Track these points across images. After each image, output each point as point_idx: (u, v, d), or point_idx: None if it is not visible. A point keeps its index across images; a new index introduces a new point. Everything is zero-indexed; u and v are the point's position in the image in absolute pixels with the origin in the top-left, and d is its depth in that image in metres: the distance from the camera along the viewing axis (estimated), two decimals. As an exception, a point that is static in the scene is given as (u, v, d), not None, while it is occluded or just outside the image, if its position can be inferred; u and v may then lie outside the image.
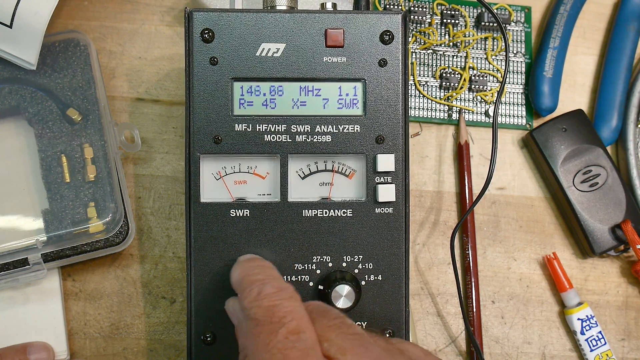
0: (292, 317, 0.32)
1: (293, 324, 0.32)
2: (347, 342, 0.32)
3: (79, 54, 0.48)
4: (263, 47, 0.41)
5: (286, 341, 0.31)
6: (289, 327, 0.32)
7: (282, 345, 0.31)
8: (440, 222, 0.52)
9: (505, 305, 0.51)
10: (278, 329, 0.32)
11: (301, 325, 0.32)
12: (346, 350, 0.32)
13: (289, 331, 0.31)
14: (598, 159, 0.52)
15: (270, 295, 0.34)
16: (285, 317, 0.32)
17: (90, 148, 0.46)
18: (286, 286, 0.34)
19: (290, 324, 0.32)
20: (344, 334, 0.33)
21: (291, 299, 0.34)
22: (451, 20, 0.54)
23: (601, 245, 0.51)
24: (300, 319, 0.32)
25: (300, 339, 0.31)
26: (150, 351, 0.48)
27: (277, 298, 0.33)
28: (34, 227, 0.46)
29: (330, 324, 0.33)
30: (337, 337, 0.32)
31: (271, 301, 0.33)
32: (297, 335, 0.31)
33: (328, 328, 0.33)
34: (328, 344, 0.32)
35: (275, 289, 0.34)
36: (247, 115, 0.41)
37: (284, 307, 0.33)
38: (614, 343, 0.51)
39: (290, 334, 0.31)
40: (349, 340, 0.32)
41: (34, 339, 0.46)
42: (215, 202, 0.41)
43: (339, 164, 0.42)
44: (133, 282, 0.49)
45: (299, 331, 0.32)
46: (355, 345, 0.32)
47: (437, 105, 0.54)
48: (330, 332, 0.33)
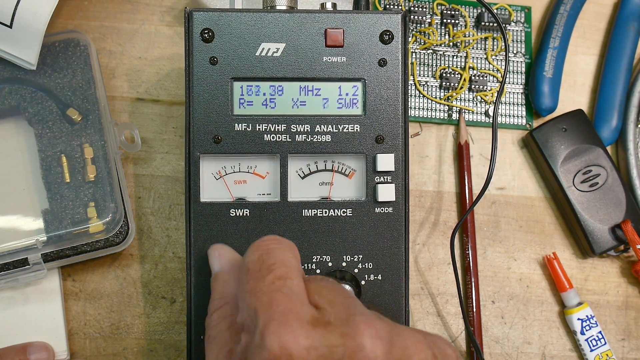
0: (281, 264, 0.32)
1: (282, 270, 0.32)
2: (339, 298, 0.32)
3: (79, 54, 0.48)
4: (263, 46, 0.41)
5: (272, 285, 0.31)
6: (276, 273, 0.32)
7: (268, 288, 0.31)
8: (440, 222, 0.52)
9: (505, 305, 0.51)
10: (266, 275, 0.32)
11: (289, 273, 0.32)
12: (335, 303, 0.32)
13: (276, 277, 0.32)
14: (598, 159, 0.52)
15: (264, 242, 0.34)
16: (275, 264, 0.32)
17: (90, 148, 0.46)
18: (283, 240, 0.35)
19: (278, 271, 0.32)
20: (336, 292, 0.33)
21: (284, 250, 0.34)
22: (451, 20, 0.54)
23: (601, 245, 0.51)
24: (289, 268, 0.33)
25: (287, 285, 0.31)
26: (150, 351, 0.48)
27: (271, 244, 0.34)
28: (34, 227, 0.46)
29: (327, 285, 0.33)
30: (329, 292, 0.33)
31: (264, 248, 0.33)
32: (283, 281, 0.32)
33: (324, 287, 0.33)
34: (318, 296, 0.32)
35: (271, 238, 0.34)
36: (247, 115, 0.41)
37: (275, 255, 0.33)
38: (614, 343, 0.51)
39: (277, 279, 0.32)
40: (340, 297, 0.32)
41: (34, 339, 0.46)
42: (215, 201, 0.41)
43: (338, 164, 0.42)
44: (133, 282, 0.49)
45: (286, 277, 0.32)
46: (346, 301, 0.32)
47: (437, 105, 0.54)
48: (324, 290, 0.33)
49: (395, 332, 0.31)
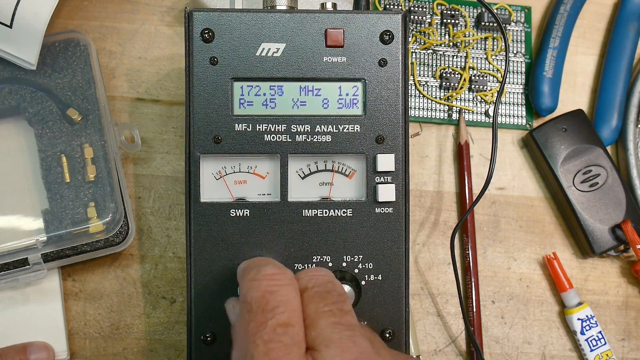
0: (284, 308, 0.32)
1: (284, 316, 0.31)
2: (335, 334, 0.31)
3: (79, 54, 0.48)
4: (263, 47, 0.41)
5: (273, 334, 0.31)
6: (279, 320, 0.31)
7: (268, 337, 0.31)
8: (440, 222, 0.52)
9: (505, 305, 0.51)
10: (268, 320, 0.31)
11: (292, 319, 0.32)
12: (331, 342, 0.31)
13: (279, 323, 0.31)
14: (598, 159, 0.52)
15: (268, 277, 0.33)
16: (278, 307, 0.32)
17: (90, 148, 0.46)
18: (285, 270, 0.34)
19: (281, 316, 0.31)
20: (334, 324, 0.32)
21: (288, 286, 0.33)
22: (451, 20, 0.54)
23: (601, 245, 0.51)
24: (292, 312, 0.32)
25: (287, 333, 0.31)
26: (150, 351, 0.48)
27: (275, 282, 0.33)
28: (34, 227, 0.46)
29: (325, 310, 0.33)
30: (326, 326, 0.32)
31: (269, 285, 0.33)
32: (284, 329, 0.31)
33: (321, 313, 0.32)
34: (315, 333, 0.31)
35: (274, 270, 0.33)
36: (247, 115, 0.41)
37: (279, 295, 0.32)
38: (614, 343, 0.51)
39: (279, 326, 0.31)
40: (337, 331, 0.32)
41: (34, 339, 0.46)
42: (215, 202, 0.41)
43: (339, 164, 0.42)
44: (133, 282, 0.49)
45: (287, 324, 0.31)
46: (342, 338, 0.31)
47: (437, 105, 0.54)
48: (322, 319, 0.32)
49: None
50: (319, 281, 0.34)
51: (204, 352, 0.41)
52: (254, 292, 0.33)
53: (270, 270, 0.34)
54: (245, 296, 0.33)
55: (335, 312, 0.33)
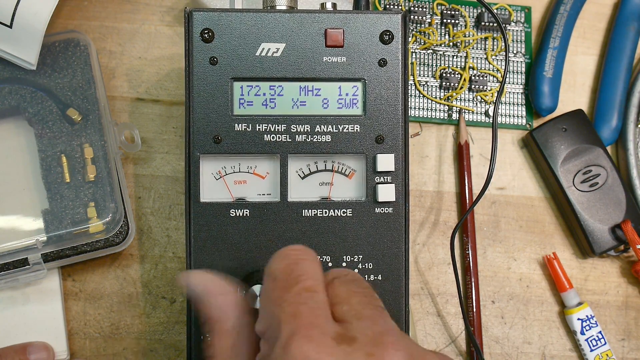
0: (308, 276, 0.32)
1: (309, 282, 0.31)
2: (367, 310, 0.31)
3: (79, 54, 0.48)
4: (263, 47, 0.41)
5: (299, 297, 0.31)
6: (304, 285, 0.31)
7: (294, 299, 0.30)
8: (440, 222, 0.52)
9: (505, 305, 0.51)
10: (293, 285, 0.31)
11: (317, 286, 0.32)
12: (363, 316, 0.31)
13: (304, 288, 0.31)
14: (598, 159, 0.52)
15: (291, 250, 0.33)
16: (302, 275, 0.32)
17: (90, 148, 0.46)
18: (309, 250, 0.34)
19: (306, 282, 0.31)
20: (365, 302, 0.32)
21: (313, 261, 0.33)
22: (451, 20, 0.54)
23: (601, 245, 0.51)
24: (317, 281, 0.32)
25: (313, 298, 0.31)
26: (150, 351, 0.48)
27: (298, 255, 0.33)
28: (34, 227, 0.46)
29: (357, 290, 0.33)
30: (358, 302, 0.32)
31: (293, 257, 0.33)
32: (310, 294, 0.31)
33: (354, 293, 0.32)
34: (348, 307, 0.31)
35: (299, 249, 0.34)
36: (247, 115, 0.41)
37: (303, 266, 0.32)
38: (614, 343, 0.51)
39: (305, 290, 0.31)
40: (368, 308, 0.32)
41: (34, 339, 0.46)
42: (215, 202, 0.41)
43: (338, 164, 0.42)
44: (133, 282, 0.49)
45: (313, 290, 0.31)
46: (375, 314, 0.31)
47: (437, 105, 0.54)
48: (354, 297, 0.32)
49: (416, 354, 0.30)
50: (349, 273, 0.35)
51: (204, 352, 0.41)
52: (278, 264, 0.33)
53: (294, 246, 0.34)
54: (269, 269, 0.33)
55: (367, 294, 0.33)
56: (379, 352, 0.29)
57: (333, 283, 0.33)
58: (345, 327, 0.30)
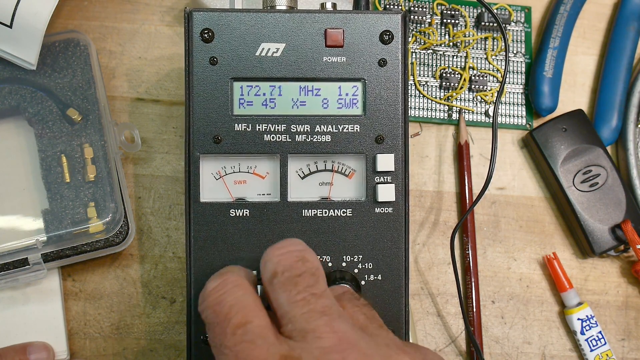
0: (236, 309, 0.32)
1: (238, 316, 0.31)
2: (311, 322, 0.31)
3: (79, 54, 0.48)
4: (263, 47, 0.41)
5: (234, 337, 0.31)
6: (234, 322, 0.31)
7: (231, 342, 0.31)
8: (440, 222, 0.52)
9: (505, 305, 0.51)
10: (226, 327, 0.31)
11: (247, 316, 0.31)
12: (307, 332, 0.31)
13: (235, 325, 0.31)
14: (598, 159, 0.52)
15: (212, 291, 0.33)
16: (230, 311, 0.32)
17: (90, 148, 0.46)
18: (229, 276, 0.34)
19: (235, 318, 0.31)
20: (308, 313, 0.31)
21: (235, 287, 0.33)
22: (451, 20, 0.54)
23: (601, 245, 0.51)
24: (245, 309, 0.32)
25: (247, 331, 0.31)
26: (150, 351, 0.48)
27: (219, 292, 0.33)
28: (34, 227, 0.46)
29: (297, 299, 0.32)
30: (300, 316, 0.31)
31: (214, 298, 0.33)
32: (243, 328, 0.31)
33: (293, 304, 0.32)
34: (292, 325, 0.31)
35: (217, 282, 0.33)
36: (247, 115, 0.41)
37: (227, 301, 0.32)
38: (614, 343, 0.51)
39: (237, 327, 0.31)
40: (312, 319, 0.31)
41: (34, 339, 0.46)
42: (215, 202, 0.41)
43: (338, 164, 0.42)
44: (133, 282, 0.49)
45: (244, 323, 0.31)
46: (319, 324, 0.31)
47: (437, 105, 0.54)
48: (295, 307, 0.32)
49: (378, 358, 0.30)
50: (287, 263, 0.33)
51: (204, 352, 0.41)
52: (206, 312, 0.33)
53: (210, 286, 0.33)
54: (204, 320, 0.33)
55: (309, 299, 0.32)
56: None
57: (272, 285, 0.33)
58: (291, 346, 0.30)
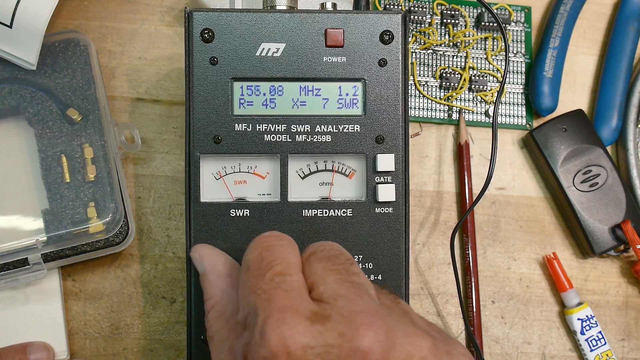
0: (281, 261, 0.33)
1: (281, 266, 0.32)
2: (342, 289, 0.32)
3: (79, 54, 0.48)
4: (263, 47, 0.41)
5: (271, 282, 0.32)
6: (276, 270, 0.32)
7: (268, 286, 0.31)
8: (440, 222, 0.52)
9: (505, 305, 0.51)
10: (266, 272, 0.32)
11: (289, 269, 0.32)
12: (338, 295, 0.32)
13: (276, 273, 0.32)
14: (598, 159, 0.52)
15: (264, 238, 0.34)
16: (275, 260, 0.33)
17: (90, 148, 0.46)
18: (283, 235, 0.35)
19: (277, 267, 0.32)
20: (341, 280, 0.33)
21: (285, 245, 0.34)
22: (451, 20, 0.54)
23: (601, 245, 0.51)
24: (289, 264, 0.33)
25: (286, 281, 0.32)
26: (150, 351, 0.48)
27: (271, 242, 0.34)
28: (34, 227, 0.46)
29: (333, 268, 0.33)
30: (333, 281, 0.32)
31: (264, 246, 0.34)
32: (282, 277, 0.32)
33: (329, 271, 0.33)
34: (323, 287, 0.32)
35: (272, 233, 0.35)
36: (247, 115, 0.41)
37: (275, 251, 0.33)
38: (614, 343, 0.51)
39: (277, 275, 0.32)
40: (344, 286, 0.32)
41: (34, 339, 0.46)
42: (215, 202, 0.41)
43: (339, 164, 0.42)
44: (133, 282, 0.49)
45: (285, 273, 0.32)
46: (350, 292, 0.32)
47: (437, 105, 0.54)
48: (329, 275, 0.33)
49: (400, 335, 0.30)
50: (326, 247, 0.35)
51: (204, 352, 0.41)
52: (252, 253, 0.34)
53: (267, 234, 0.35)
54: (243, 260, 0.34)
55: (342, 272, 0.33)
56: (350, 332, 0.30)
57: (309, 260, 0.34)
58: (322, 307, 0.31)
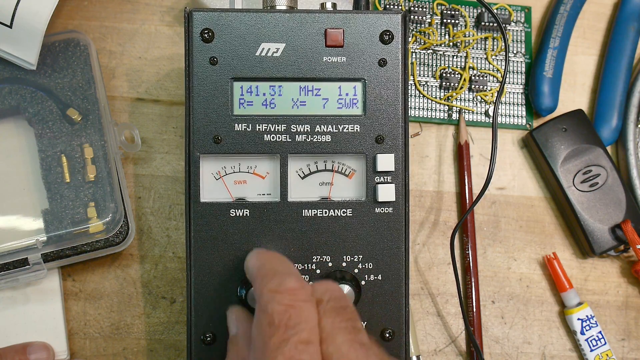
0: (305, 326, 0.33)
1: (305, 334, 0.33)
2: (352, 352, 0.33)
3: (79, 54, 0.48)
4: (263, 47, 0.41)
5: (295, 350, 0.32)
6: (301, 337, 0.32)
7: (291, 353, 0.32)
8: (440, 222, 0.52)
9: (505, 305, 0.51)
10: (291, 337, 0.32)
11: (311, 337, 0.33)
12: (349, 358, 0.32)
13: (300, 340, 0.32)
14: (598, 159, 0.52)
15: (290, 292, 0.34)
16: (300, 324, 0.33)
17: (90, 148, 0.46)
18: (305, 285, 0.35)
19: (302, 334, 0.32)
20: (350, 341, 0.33)
21: (309, 302, 0.34)
22: (451, 20, 0.54)
23: (601, 245, 0.51)
24: (311, 330, 0.33)
25: (308, 351, 0.32)
26: (150, 351, 0.48)
27: (297, 297, 0.34)
28: (34, 227, 0.46)
29: (342, 326, 0.34)
30: (343, 342, 0.33)
31: (291, 300, 0.33)
32: (305, 346, 0.32)
33: (338, 329, 0.34)
34: (333, 348, 0.33)
35: (296, 285, 0.34)
36: (247, 115, 0.41)
37: (301, 312, 0.33)
38: (614, 343, 0.51)
39: (301, 343, 0.32)
40: (353, 349, 0.33)
41: (34, 339, 0.46)
42: (215, 202, 0.41)
43: (338, 164, 0.42)
44: (133, 282, 0.49)
45: (308, 342, 0.32)
46: (359, 356, 0.33)
47: (437, 105, 0.54)
48: (339, 335, 0.33)
49: None
50: (334, 295, 0.35)
51: (204, 352, 0.41)
52: (277, 305, 0.33)
53: (292, 284, 0.34)
54: (266, 307, 0.34)
55: (351, 330, 0.34)
56: None
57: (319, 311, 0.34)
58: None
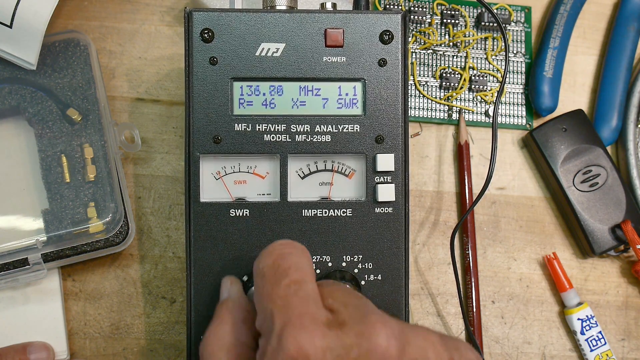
0: (295, 269, 0.33)
1: (297, 274, 0.33)
2: (352, 299, 0.33)
3: (79, 54, 0.48)
4: (263, 46, 0.41)
5: (288, 289, 0.32)
6: (292, 277, 0.32)
7: (284, 292, 0.32)
8: (440, 222, 0.52)
9: (505, 305, 0.51)
10: (282, 279, 0.32)
11: (305, 277, 0.33)
12: (349, 304, 0.32)
13: (292, 280, 0.32)
14: (598, 159, 0.52)
15: (279, 246, 0.34)
16: (290, 268, 0.33)
17: (90, 148, 0.46)
18: (296, 244, 0.35)
19: (294, 275, 0.33)
20: (349, 294, 0.34)
21: (298, 255, 0.34)
22: (451, 20, 0.54)
23: (601, 245, 0.51)
24: (304, 272, 0.33)
25: (302, 288, 0.32)
26: (150, 351, 0.48)
27: (285, 249, 0.34)
28: (34, 227, 0.46)
29: (339, 288, 0.34)
30: (342, 295, 0.33)
31: (280, 252, 0.34)
32: (298, 285, 0.32)
33: (336, 290, 0.34)
34: (332, 299, 0.33)
35: (286, 241, 0.35)
36: (246, 115, 0.41)
37: (290, 259, 0.33)
38: (614, 343, 0.51)
39: (293, 283, 0.32)
40: (353, 298, 0.33)
41: (34, 339, 0.46)
42: (215, 201, 0.41)
43: (338, 164, 0.42)
44: (133, 282, 0.49)
45: (301, 281, 0.32)
46: (359, 302, 0.33)
47: (437, 105, 0.54)
48: (337, 293, 0.34)
49: (411, 332, 0.32)
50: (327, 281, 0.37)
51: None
52: (266, 260, 0.34)
53: (280, 241, 0.35)
54: (257, 267, 0.34)
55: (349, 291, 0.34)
56: (367, 330, 0.30)
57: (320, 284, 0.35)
58: (335, 315, 0.32)
